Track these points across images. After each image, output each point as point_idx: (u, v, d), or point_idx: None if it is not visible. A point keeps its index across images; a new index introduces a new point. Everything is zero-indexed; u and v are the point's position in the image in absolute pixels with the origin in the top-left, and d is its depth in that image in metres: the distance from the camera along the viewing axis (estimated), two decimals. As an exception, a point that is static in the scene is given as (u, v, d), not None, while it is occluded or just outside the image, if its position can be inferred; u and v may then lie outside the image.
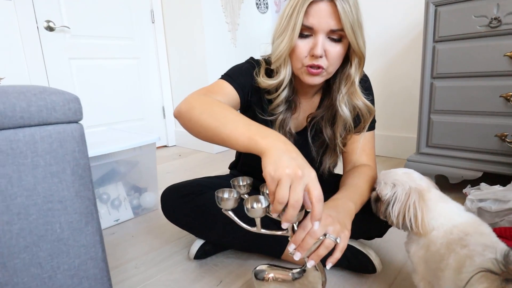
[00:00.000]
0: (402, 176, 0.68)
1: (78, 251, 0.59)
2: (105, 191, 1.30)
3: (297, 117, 0.91)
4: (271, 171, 0.50)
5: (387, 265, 0.92)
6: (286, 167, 0.50)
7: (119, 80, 2.37)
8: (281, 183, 0.49)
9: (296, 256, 0.57)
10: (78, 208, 0.58)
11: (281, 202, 0.49)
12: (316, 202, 0.50)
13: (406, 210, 0.63)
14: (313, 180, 0.51)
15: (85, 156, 0.58)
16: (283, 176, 0.49)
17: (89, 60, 2.20)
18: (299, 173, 0.50)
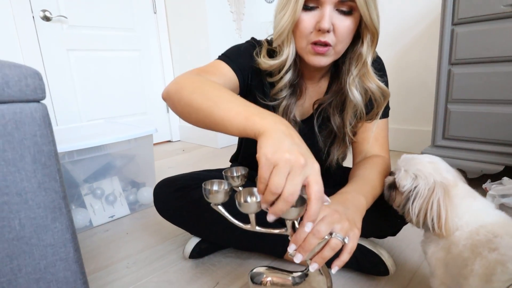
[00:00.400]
0: (427, 166, 0.58)
1: (44, 252, 0.51)
2: (99, 186, 1.23)
3: (303, 103, 0.82)
4: (268, 152, 0.42)
5: (401, 267, 0.83)
6: (287, 151, 0.41)
7: (120, 73, 2.30)
8: (277, 169, 0.41)
9: (296, 259, 0.48)
10: (42, 202, 0.50)
11: (273, 191, 0.41)
12: (314, 199, 0.42)
13: (429, 208, 0.54)
14: (316, 173, 0.42)
15: (49, 141, 0.50)
16: (282, 160, 0.41)
17: (88, 52, 2.13)
18: (301, 161, 0.41)
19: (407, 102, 1.87)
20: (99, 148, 1.16)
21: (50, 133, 0.51)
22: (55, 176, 0.51)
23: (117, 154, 1.29)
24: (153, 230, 1.13)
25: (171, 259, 0.94)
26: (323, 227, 0.47)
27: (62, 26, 1.99)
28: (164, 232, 1.11)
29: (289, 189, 0.40)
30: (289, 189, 0.40)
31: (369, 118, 0.76)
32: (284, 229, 0.50)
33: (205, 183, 0.51)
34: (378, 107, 0.74)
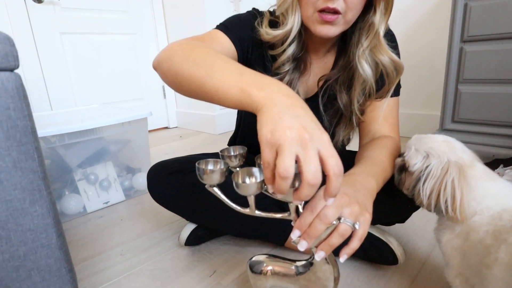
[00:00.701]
0: (440, 144, 0.53)
1: (23, 237, 0.47)
2: (92, 171, 1.19)
3: (307, 80, 0.76)
4: (267, 132, 0.36)
5: (409, 256, 0.78)
6: (288, 128, 0.35)
7: (115, 57, 2.23)
8: (281, 150, 0.35)
9: (300, 246, 0.43)
10: (18, 183, 0.45)
11: (284, 176, 0.34)
12: (333, 175, 0.36)
13: (442, 189, 0.49)
14: (327, 145, 0.36)
15: (24, 116, 0.45)
16: (283, 140, 0.35)
17: (82, 35, 2.06)
18: (305, 137, 0.35)
19: (413, 85, 1.80)
20: (92, 132, 1.11)
21: (26, 107, 0.46)
22: (33, 154, 0.46)
23: (111, 138, 1.24)
24: (148, 216, 1.09)
25: (166, 246, 0.90)
26: (330, 211, 0.42)
27: (55, 8, 1.91)
28: (159, 218, 1.07)
29: (310, 171, 0.34)
30: (310, 170, 0.34)
31: (379, 96, 0.71)
32: (287, 213, 0.46)
33: (199, 162, 0.46)
34: (390, 83, 0.68)
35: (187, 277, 0.76)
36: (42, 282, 0.49)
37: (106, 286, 0.75)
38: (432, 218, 0.95)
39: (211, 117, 2.27)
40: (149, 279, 0.76)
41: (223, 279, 0.75)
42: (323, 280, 0.47)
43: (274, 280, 0.53)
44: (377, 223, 0.77)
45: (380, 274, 0.72)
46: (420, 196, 0.52)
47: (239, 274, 0.76)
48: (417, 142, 0.56)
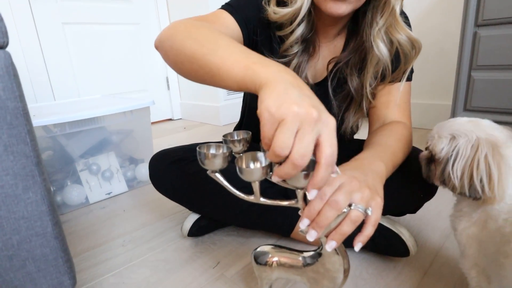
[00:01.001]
0: (466, 125, 0.49)
1: (16, 225, 0.44)
2: (95, 161, 1.17)
3: (315, 64, 0.73)
4: (271, 105, 0.33)
5: (420, 248, 0.75)
6: (295, 103, 0.33)
7: (118, 47, 2.20)
8: (283, 125, 0.32)
9: (310, 236, 0.40)
10: (10, 168, 0.43)
11: (278, 153, 0.32)
12: (323, 164, 0.33)
13: (474, 167, 0.45)
14: (330, 131, 0.34)
15: (15, 96, 0.42)
16: (289, 114, 0.32)
17: (84, 26, 2.03)
18: (313, 114, 0.32)
19: (423, 73, 1.74)
20: (93, 121, 1.09)
21: (17, 87, 0.43)
22: (25, 138, 0.44)
23: (113, 128, 1.22)
24: (151, 207, 1.07)
25: (169, 237, 0.88)
26: (341, 196, 0.39)
27: (56, -4, 1.88)
28: (162, 209, 1.05)
29: (298, 150, 0.32)
30: (299, 150, 0.32)
31: (394, 78, 0.67)
32: (294, 201, 0.43)
33: (200, 147, 0.43)
34: (406, 63, 0.64)
35: (190, 268, 0.74)
36: (37, 272, 0.47)
37: (107, 277, 0.73)
38: (443, 210, 0.92)
39: (216, 108, 2.24)
40: (151, 270, 0.74)
41: (226, 270, 0.72)
42: (332, 272, 0.44)
43: (280, 271, 0.50)
44: (387, 214, 0.74)
45: (390, 267, 0.69)
46: (452, 180, 0.48)
47: (243, 266, 0.73)
48: (439, 128, 0.52)
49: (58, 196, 1.08)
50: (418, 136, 1.64)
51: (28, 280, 0.47)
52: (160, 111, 2.52)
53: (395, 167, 0.56)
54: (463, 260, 0.52)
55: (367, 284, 0.65)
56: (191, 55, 0.46)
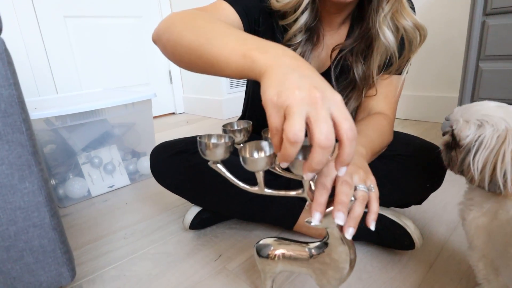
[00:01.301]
0: (495, 110, 0.45)
1: (13, 216, 0.44)
2: (97, 154, 1.16)
3: (319, 54, 0.71)
4: (273, 95, 0.32)
5: (426, 241, 0.74)
6: (296, 87, 0.31)
7: (120, 41, 2.19)
8: (290, 112, 0.31)
9: (338, 218, 0.37)
10: (5, 158, 0.42)
11: (294, 140, 0.30)
12: (347, 140, 0.32)
13: (499, 160, 0.42)
14: (339, 106, 0.32)
15: (9, 84, 0.41)
16: (292, 100, 0.31)
17: (86, 19, 2.02)
18: (316, 95, 0.31)
19: (428, 65, 1.71)
20: (94, 114, 1.08)
21: (11, 74, 0.42)
22: (20, 126, 0.43)
23: (115, 121, 1.21)
24: (153, 200, 1.06)
25: (170, 230, 0.87)
26: (348, 177, 0.38)
27: (57, -10, 1.87)
28: (164, 202, 1.04)
29: (321, 131, 0.30)
30: (321, 131, 0.30)
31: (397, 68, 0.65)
32: (300, 190, 0.41)
33: (201, 136, 0.41)
34: (411, 50, 0.62)
35: (191, 261, 0.73)
36: (36, 263, 0.47)
37: (108, 270, 0.72)
38: (449, 202, 0.90)
39: (218, 102, 2.23)
40: (152, 262, 0.74)
41: (228, 263, 0.71)
42: (339, 262, 0.43)
43: (284, 264, 0.49)
44: (392, 205, 0.73)
45: (395, 260, 0.68)
46: (471, 171, 0.46)
47: (245, 259, 0.72)
48: (464, 112, 0.48)
49: (60, 189, 1.08)
50: (424, 130, 1.62)
51: (26, 272, 0.46)
52: (163, 105, 2.51)
53: (373, 153, 0.56)
54: (471, 252, 0.50)
55: (371, 278, 0.64)
56: (188, 46, 0.45)
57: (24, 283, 0.46)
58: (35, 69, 1.86)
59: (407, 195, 0.67)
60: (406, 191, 0.65)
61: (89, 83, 2.09)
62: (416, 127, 1.67)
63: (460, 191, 0.54)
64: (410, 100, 1.79)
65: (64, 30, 1.95)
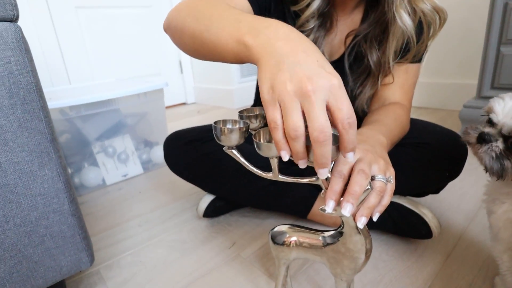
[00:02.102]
0: None
1: (34, 202, 0.44)
2: (110, 144, 1.17)
3: (332, 40, 0.69)
4: (266, 91, 0.32)
5: (443, 230, 0.73)
6: (287, 80, 0.31)
7: (131, 31, 2.19)
8: (285, 107, 0.31)
9: (345, 210, 0.36)
10: (25, 145, 0.42)
11: (294, 136, 0.31)
12: (343, 129, 0.31)
13: None
14: (335, 93, 0.31)
15: (27, 71, 0.41)
16: (285, 95, 0.31)
17: (97, 9, 2.02)
18: (308, 88, 0.30)
19: (446, 51, 1.66)
20: (107, 103, 1.09)
21: (29, 62, 0.42)
22: (38, 114, 0.43)
23: (128, 111, 1.21)
24: (166, 189, 1.07)
25: (184, 218, 0.88)
26: (365, 166, 0.37)
27: (69, -20, 1.87)
28: (178, 190, 1.05)
29: (314, 127, 0.30)
30: (314, 127, 0.30)
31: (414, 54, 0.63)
32: (314, 178, 0.41)
33: (216, 122, 0.41)
34: (430, 34, 0.60)
35: (206, 248, 0.74)
36: (56, 248, 0.48)
37: (124, 256, 0.73)
38: (468, 191, 0.88)
39: (229, 91, 2.22)
40: (167, 250, 0.74)
41: (242, 251, 0.72)
42: (354, 252, 0.43)
43: (298, 251, 0.49)
44: (409, 194, 0.72)
45: (412, 249, 0.67)
46: None
47: (259, 247, 0.73)
48: None
49: (76, 178, 1.09)
50: (440, 118, 1.58)
51: (47, 256, 0.47)
52: (174, 95, 2.51)
53: (393, 143, 0.55)
54: (495, 244, 0.49)
55: (387, 266, 0.63)
56: (191, 33, 0.45)
57: (45, 267, 0.47)
58: (48, 60, 1.88)
59: (424, 184, 0.66)
60: (424, 180, 0.64)
61: (101, 73, 2.10)
62: (432, 116, 1.64)
63: (478, 180, 0.52)
64: (426, 88, 1.75)
65: (76, 21, 1.95)
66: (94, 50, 2.06)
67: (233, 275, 0.65)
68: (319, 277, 0.62)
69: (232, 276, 0.64)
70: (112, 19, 2.09)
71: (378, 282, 0.59)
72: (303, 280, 0.61)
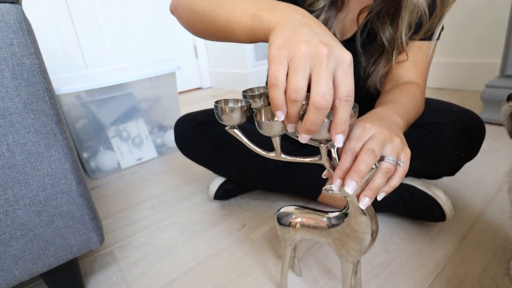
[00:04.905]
0: None
1: (42, 182, 0.45)
2: (125, 128, 1.19)
3: (344, 18, 0.67)
4: (279, 45, 0.31)
5: (458, 213, 0.70)
6: (303, 41, 0.30)
7: (145, 16, 2.19)
8: (294, 66, 0.30)
9: (348, 187, 0.35)
10: (31, 126, 0.43)
11: (293, 98, 0.30)
12: (343, 102, 0.30)
13: None
14: (346, 67, 0.30)
15: (30, 53, 0.42)
16: (297, 52, 0.30)
17: (111, -7, 2.03)
18: (323, 51, 0.29)
19: (466, 28, 1.57)
20: (120, 88, 1.10)
21: (32, 43, 0.42)
22: (43, 95, 0.43)
23: (141, 96, 1.23)
24: (179, 172, 1.09)
25: (196, 200, 0.89)
26: (375, 145, 0.35)
27: (82, -36, 1.88)
28: (190, 174, 1.06)
29: (317, 91, 0.29)
30: (317, 90, 0.29)
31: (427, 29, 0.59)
32: (317, 157, 0.39)
33: (218, 101, 0.40)
34: (443, 6, 0.56)
35: (216, 230, 0.75)
36: (65, 228, 0.49)
37: (137, 237, 0.75)
38: (486, 174, 0.84)
39: (244, 75, 2.20)
40: (178, 231, 0.76)
41: (252, 233, 0.72)
42: (359, 233, 0.41)
43: (303, 232, 0.49)
44: (423, 176, 0.69)
45: (424, 231, 0.66)
46: None
47: (269, 229, 0.73)
48: None
49: (92, 162, 1.12)
50: (461, 99, 1.51)
51: (58, 235, 0.48)
52: (189, 80, 2.52)
53: (408, 124, 0.52)
54: None
55: (397, 249, 0.62)
56: (201, 12, 0.45)
57: (56, 246, 0.49)
58: (66, 47, 1.92)
59: (439, 166, 0.63)
60: (439, 161, 0.61)
61: (117, 59, 2.13)
62: (452, 97, 1.57)
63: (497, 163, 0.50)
64: (445, 67, 1.67)
65: (91, 6, 1.97)
66: (110, 37, 2.08)
67: (242, 256, 0.65)
68: (328, 259, 0.61)
69: (241, 257, 0.65)
70: (127, 4, 2.09)
71: (388, 265, 0.58)
72: (311, 262, 0.61)
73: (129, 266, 0.66)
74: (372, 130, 0.37)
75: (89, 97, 1.05)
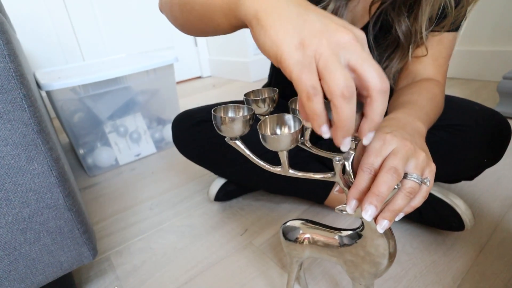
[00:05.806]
0: None
1: (25, 198, 0.41)
2: (122, 123, 1.14)
3: (355, 8, 0.60)
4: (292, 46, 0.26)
5: (476, 218, 0.66)
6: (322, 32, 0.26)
7: (143, 4, 2.10)
8: (328, 64, 0.25)
9: (366, 213, 0.30)
10: (9, 138, 0.38)
11: (348, 95, 0.25)
12: (378, 91, 0.26)
13: None
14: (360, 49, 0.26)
15: (3, 56, 0.37)
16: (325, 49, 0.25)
17: (107, -20, 1.94)
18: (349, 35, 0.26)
19: (482, 15, 1.49)
20: (115, 81, 1.05)
21: (5, 45, 0.37)
22: (21, 103, 0.39)
23: (138, 88, 1.17)
24: (179, 169, 1.05)
25: (196, 201, 0.85)
26: (398, 162, 0.30)
27: None
28: (190, 171, 1.02)
29: (375, 76, 0.25)
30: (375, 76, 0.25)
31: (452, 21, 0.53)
32: (330, 174, 0.35)
33: (216, 109, 0.35)
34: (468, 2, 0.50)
35: (217, 235, 0.71)
36: (53, 244, 0.45)
37: (135, 242, 0.72)
38: (504, 176, 0.79)
39: (245, 63, 2.13)
40: (177, 236, 0.72)
41: (254, 238, 0.68)
42: (375, 257, 0.37)
43: (312, 250, 0.44)
44: (440, 180, 0.64)
45: (439, 240, 0.61)
46: None
47: (272, 234, 0.69)
48: None
49: (89, 158, 1.08)
50: (474, 90, 1.45)
51: (46, 253, 0.45)
52: (189, 69, 2.45)
53: (428, 128, 0.46)
54: None
55: (410, 260, 0.58)
56: (179, 2, 0.42)
57: (44, 264, 0.45)
58: (61, 37, 1.85)
59: (459, 171, 0.58)
60: (459, 167, 0.56)
61: (115, 48, 2.06)
62: (464, 87, 1.50)
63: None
64: (457, 56, 1.60)
65: (86, -7, 1.89)
66: (106, 25, 2.00)
67: (244, 265, 0.61)
68: (336, 270, 0.57)
69: (243, 266, 0.61)
70: (122, -10, 2.01)
71: (401, 278, 0.54)
72: (318, 273, 0.57)
73: (126, 274, 0.63)
74: (393, 143, 0.32)
75: (83, 92, 1.00)
